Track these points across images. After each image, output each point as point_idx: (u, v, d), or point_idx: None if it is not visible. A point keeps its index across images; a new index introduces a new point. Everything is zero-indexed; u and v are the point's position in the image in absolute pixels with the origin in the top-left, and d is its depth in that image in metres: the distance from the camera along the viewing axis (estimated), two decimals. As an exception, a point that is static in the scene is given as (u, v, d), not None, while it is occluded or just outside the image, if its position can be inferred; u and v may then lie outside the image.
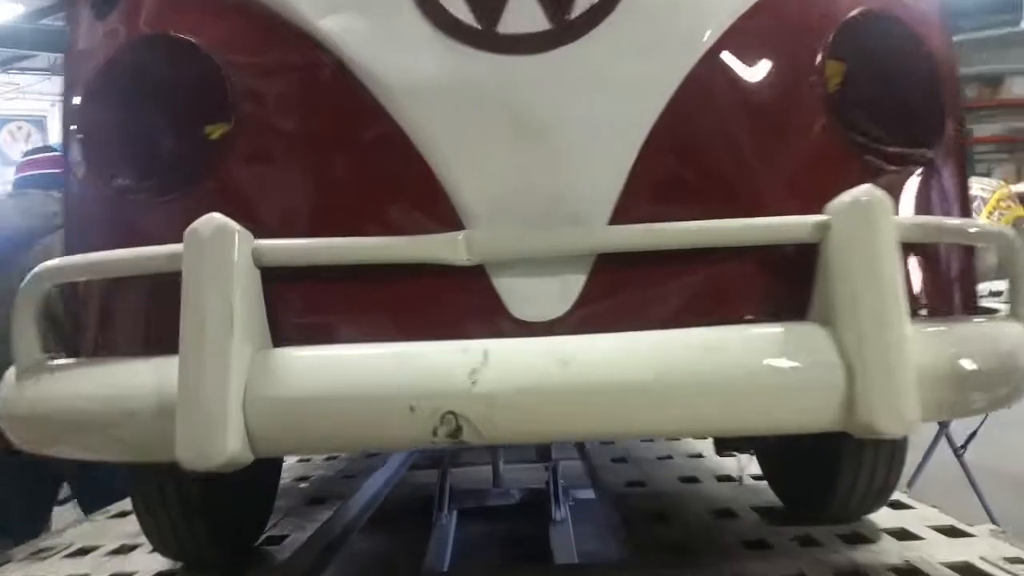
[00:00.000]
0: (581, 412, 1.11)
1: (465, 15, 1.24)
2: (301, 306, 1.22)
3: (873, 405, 1.11)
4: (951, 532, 2.01)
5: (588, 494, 3.16)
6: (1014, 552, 1.83)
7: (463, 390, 1.09)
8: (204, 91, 1.28)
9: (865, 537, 1.99)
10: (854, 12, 1.31)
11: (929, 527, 2.06)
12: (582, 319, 1.21)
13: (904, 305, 1.14)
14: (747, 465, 2.69)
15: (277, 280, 1.20)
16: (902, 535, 2.00)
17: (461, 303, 1.23)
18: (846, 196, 1.18)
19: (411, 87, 1.23)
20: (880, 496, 2.02)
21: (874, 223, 1.15)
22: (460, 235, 1.22)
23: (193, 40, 1.28)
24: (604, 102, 1.23)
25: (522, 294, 1.23)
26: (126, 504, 2.38)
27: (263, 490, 2.16)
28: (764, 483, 2.50)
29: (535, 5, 1.23)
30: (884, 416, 1.11)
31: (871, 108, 1.31)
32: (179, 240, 1.24)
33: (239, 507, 2.08)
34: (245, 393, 1.09)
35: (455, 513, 3.08)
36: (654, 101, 1.23)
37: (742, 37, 1.26)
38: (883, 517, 2.14)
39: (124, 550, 2.11)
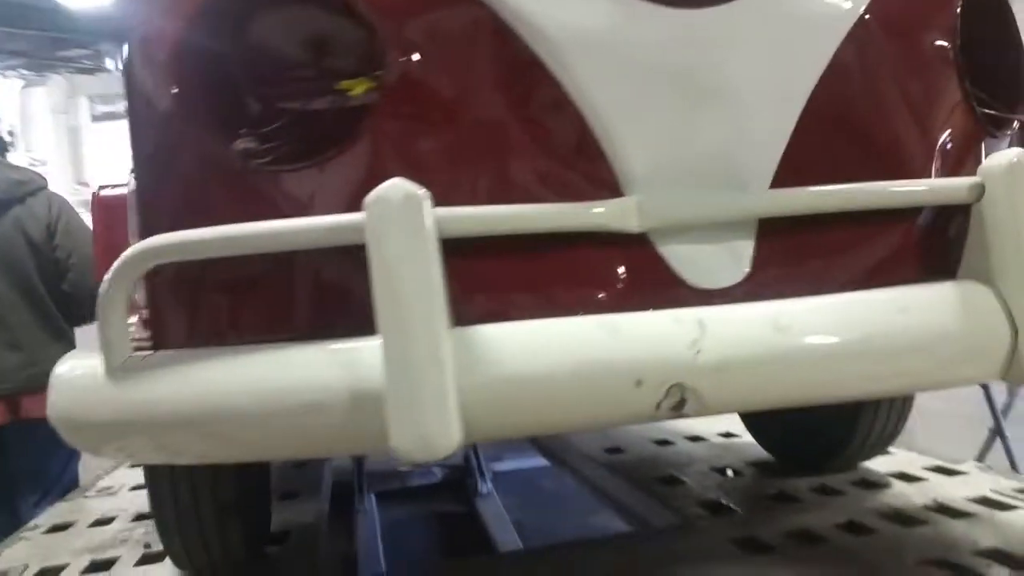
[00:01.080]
0: (800, 378, 1.09)
1: None
2: (469, 279, 1.11)
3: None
4: (945, 471, 2.18)
5: (506, 466, 3.18)
6: (1018, 484, 2.02)
7: (687, 361, 1.04)
8: (348, 40, 1.13)
9: (877, 483, 2.12)
10: None
11: (923, 468, 2.22)
12: (757, 285, 1.18)
13: None
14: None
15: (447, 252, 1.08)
16: (906, 478, 2.15)
17: (631, 271, 1.17)
18: (1000, 159, 1.22)
19: (573, 39, 1.14)
20: (889, 441, 2.15)
21: (1029, 185, 1.20)
22: (631, 200, 1.16)
23: None
24: (771, 61, 1.20)
25: (694, 261, 1.18)
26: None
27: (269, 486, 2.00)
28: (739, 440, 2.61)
29: None
30: None
31: (991, 71, 1.36)
32: (307, 212, 1.11)
33: (262, 505, 1.91)
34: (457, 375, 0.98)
35: (374, 497, 2.99)
36: (816, 62, 1.22)
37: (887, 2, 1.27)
38: (874, 463, 2.28)
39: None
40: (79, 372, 1.20)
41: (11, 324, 2.83)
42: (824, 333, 1.10)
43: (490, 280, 1.12)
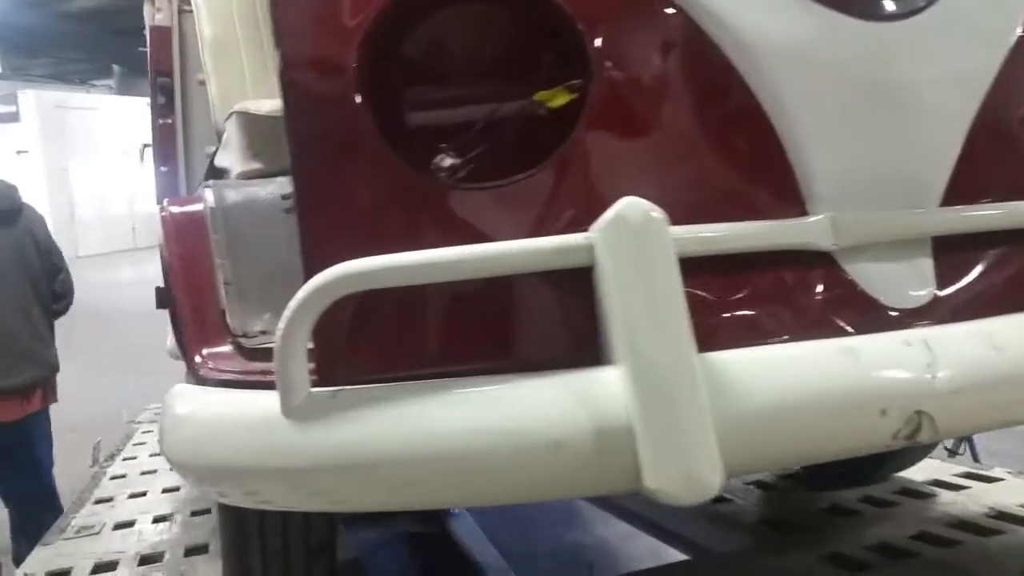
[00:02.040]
0: (1019, 399, 1.08)
1: None
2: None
3: None
4: (982, 479, 2.24)
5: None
6: (1061, 488, 2.09)
7: (927, 387, 1.00)
8: (548, 45, 1.04)
9: (923, 492, 2.16)
10: None
11: (955, 476, 2.28)
12: (949, 302, 1.16)
13: None
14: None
15: None
16: (946, 486, 2.20)
17: (829, 292, 1.13)
18: None
19: (771, 49, 1.09)
20: (928, 450, 2.19)
21: None
22: (827, 218, 1.12)
23: None
24: (947, 80, 1.19)
25: (884, 280, 1.15)
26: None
27: None
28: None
29: None
30: None
31: None
32: (498, 233, 1.01)
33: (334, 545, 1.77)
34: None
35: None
36: (985, 75, 1.21)
37: None
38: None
39: None
40: (226, 411, 1.06)
41: (33, 318, 3.18)
42: (1035, 352, 1.09)
43: (708, 302, 1.05)
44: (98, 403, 5.61)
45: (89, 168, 17.52)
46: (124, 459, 3.73)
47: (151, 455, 3.79)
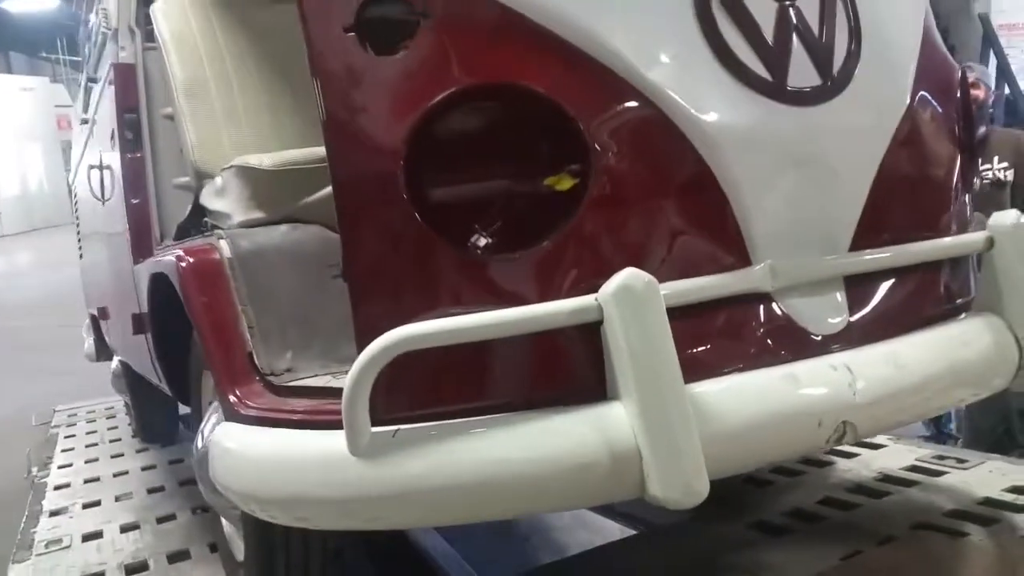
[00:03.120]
0: (913, 404, 1.40)
1: (759, 69, 1.40)
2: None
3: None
4: (869, 446, 2.63)
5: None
6: (932, 451, 2.50)
7: (850, 402, 1.31)
8: (553, 137, 1.27)
9: (824, 461, 2.53)
10: (960, 68, 1.74)
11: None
12: (857, 328, 1.47)
13: None
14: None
15: None
16: (843, 454, 2.58)
17: (768, 325, 1.42)
18: (1004, 218, 1.60)
19: (723, 133, 1.36)
20: None
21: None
22: (767, 265, 1.41)
23: (543, 91, 1.26)
24: (854, 148, 1.49)
25: (810, 313, 1.45)
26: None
27: None
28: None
29: (809, 63, 1.44)
30: None
31: (969, 140, 1.75)
32: (521, 294, 1.25)
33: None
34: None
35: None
36: (881, 144, 1.53)
37: (921, 89, 1.60)
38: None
39: None
40: (283, 450, 1.27)
41: None
42: (924, 367, 1.42)
43: (686, 341, 1.32)
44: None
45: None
46: (59, 467, 3.76)
47: (87, 461, 3.84)
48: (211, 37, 2.19)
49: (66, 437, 4.33)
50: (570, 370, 1.26)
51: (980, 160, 2.94)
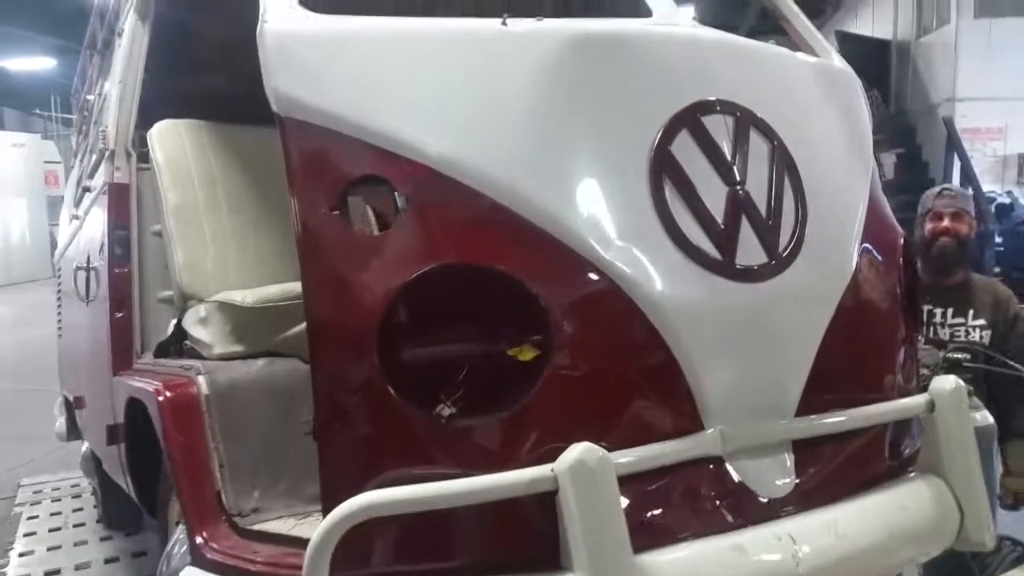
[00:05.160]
0: (855, 570, 1.47)
1: (710, 249, 1.50)
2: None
3: (976, 527, 1.64)
4: None
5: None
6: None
7: (793, 572, 1.38)
8: (521, 315, 1.36)
9: None
10: (902, 237, 1.86)
11: None
12: (803, 490, 1.55)
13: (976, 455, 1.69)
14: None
15: None
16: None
17: (718, 488, 1.49)
18: (943, 383, 1.70)
19: (674, 307, 1.45)
20: None
21: (964, 404, 1.69)
22: (716, 430, 1.49)
23: (509, 270, 1.35)
24: (800, 320, 1.59)
25: (758, 475, 1.53)
26: None
27: None
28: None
29: (756, 242, 1.55)
30: (983, 534, 1.65)
31: (911, 305, 1.86)
32: (483, 460, 1.32)
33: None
34: None
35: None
36: (826, 315, 1.63)
37: (864, 259, 1.71)
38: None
39: None
40: None
41: None
42: (864, 535, 1.50)
43: (636, 508, 1.40)
44: None
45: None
46: (20, 555, 3.71)
47: (50, 549, 3.79)
48: (204, 161, 2.29)
49: (29, 518, 4.28)
50: (527, 536, 1.33)
51: (952, 312, 2.76)
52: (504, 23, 1.50)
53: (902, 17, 16.14)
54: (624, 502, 1.33)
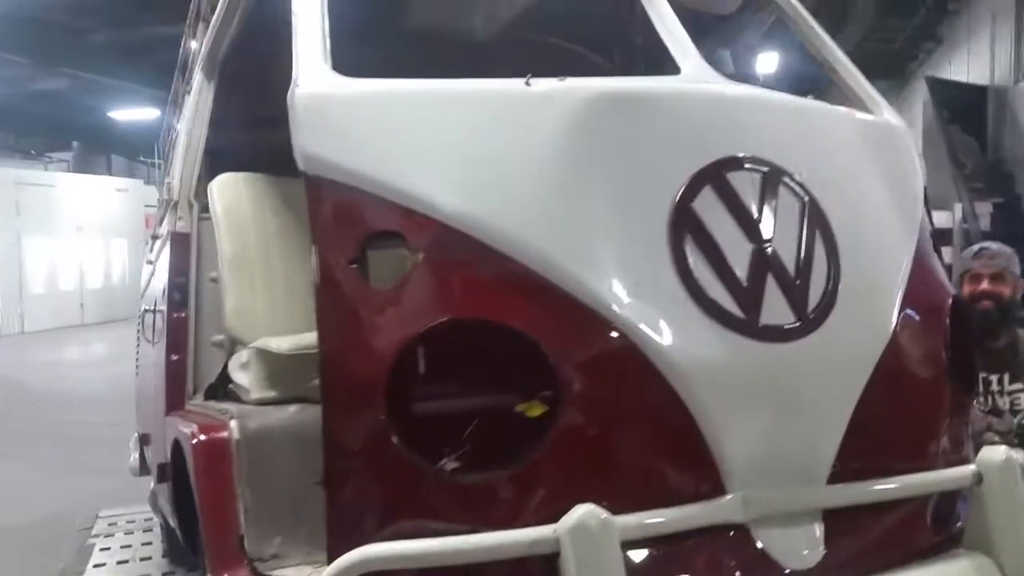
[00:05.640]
0: None
1: (732, 307, 1.47)
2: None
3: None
4: None
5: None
6: None
7: None
8: (528, 372, 1.36)
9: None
10: (951, 298, 1.78)
11: None
12: (833, 563, 1.48)
13: None
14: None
15: None
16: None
17: (739, 557, 1.44)
18: (992, 454, 1.60)
19: (692, 368, 1.42)
20: None
21: (1017, 478, 1.59)
22: (738, 496, 1.43)
23: (519, 326, 1.35)
24: (832, 383, 1.53)
25: (784, 545, 1.46)
26: None
27: None
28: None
29: (783, 301, 1.50)
30: None
31: (960, 371, 1.77)
32: (490, 517, 1.31)
33: None
34: None
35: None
36: (861, 378, 1.56)
37: (906, 320, 1.64)
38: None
39: None
40: None
41: None
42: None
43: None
44: (38, 504, 5.47)
45: (42, 244, 17.59)
46: (91, 587, 3.85)
47: (122, 585, 3.93)
48: (260, 212, 2.37)
49: (101, 549, 4.43)
50: None
51: (1009, 378, 2.56)
52: (528, 83, 1.52)
53: (999, 62, 15.59)
54: (634, 566, 1.29)
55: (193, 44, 3.08)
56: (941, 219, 7.60)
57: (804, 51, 2.21)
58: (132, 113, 17.83)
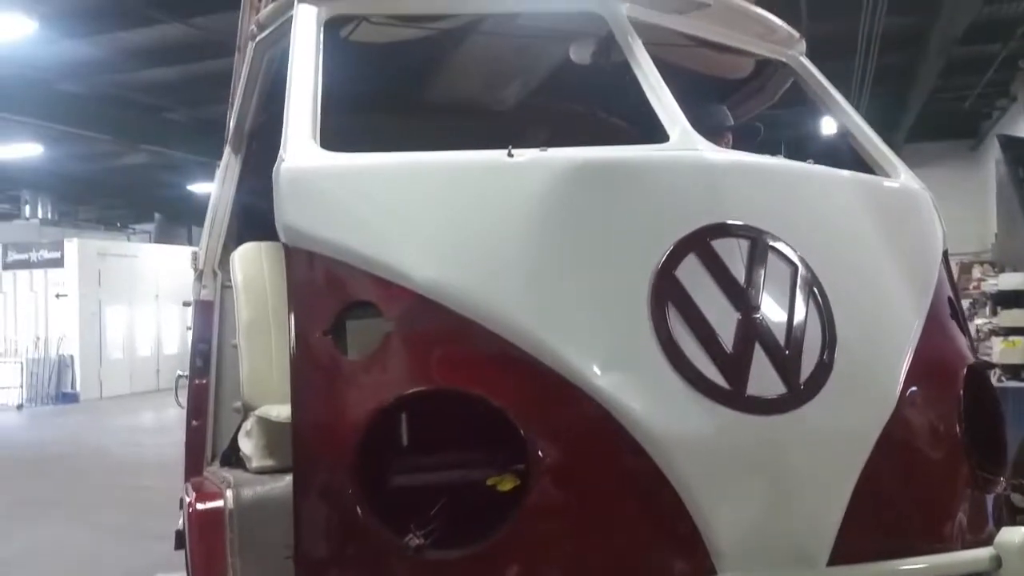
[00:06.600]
0: None
1: (716, 377, 1.42)
2: None
3: None
4: None
5: None
6: None
7: None
8: (498, 445, 1.33)
9: None
10: (968, 365, 1.68)
11: None
12: None
13: None
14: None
15: None
16: None
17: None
18: (1012, 535, 1.49)
19: (672, 440, 1.37)
20: None
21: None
22: None
23: (490, 397, 1.33)
24: (829, 457, 1.46)
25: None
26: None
27: None
28: None
29: (772, 371, 1.44)
30: None
31: (982, 444, 1.66)
32: None
33: None
34: None
35: None
36: (862, 451, 1.48)
37: (914, 390, 1.55)
38: None
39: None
40: None
41: None
42: None
43: None
44: (102, 569, 5.50)
45: (121, 312, 18.31)
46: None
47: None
48: (279, 281, 2.42)
49: (158, 610, 4.45)
50: None
51: None
52: (510, 154, 1.53)
53: (1077, 119, 15.06)
54: None
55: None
56: (1015, 281, 7.24)
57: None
58: (209, 187, 18.66)
